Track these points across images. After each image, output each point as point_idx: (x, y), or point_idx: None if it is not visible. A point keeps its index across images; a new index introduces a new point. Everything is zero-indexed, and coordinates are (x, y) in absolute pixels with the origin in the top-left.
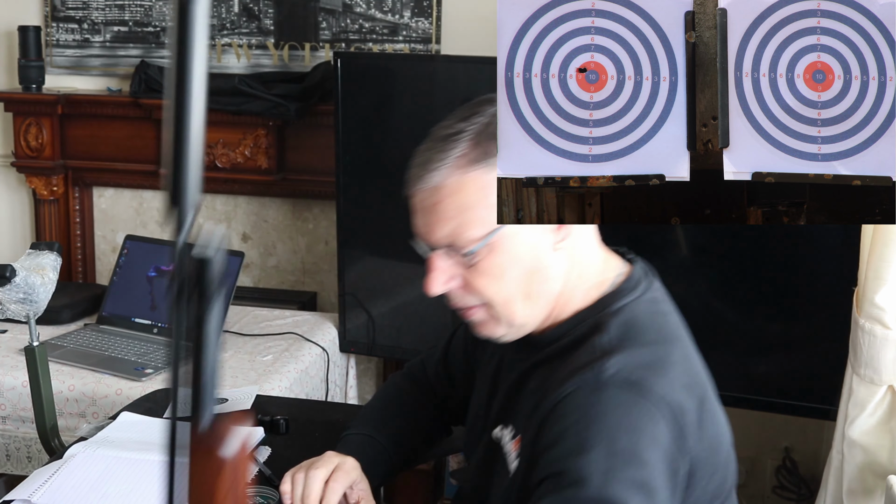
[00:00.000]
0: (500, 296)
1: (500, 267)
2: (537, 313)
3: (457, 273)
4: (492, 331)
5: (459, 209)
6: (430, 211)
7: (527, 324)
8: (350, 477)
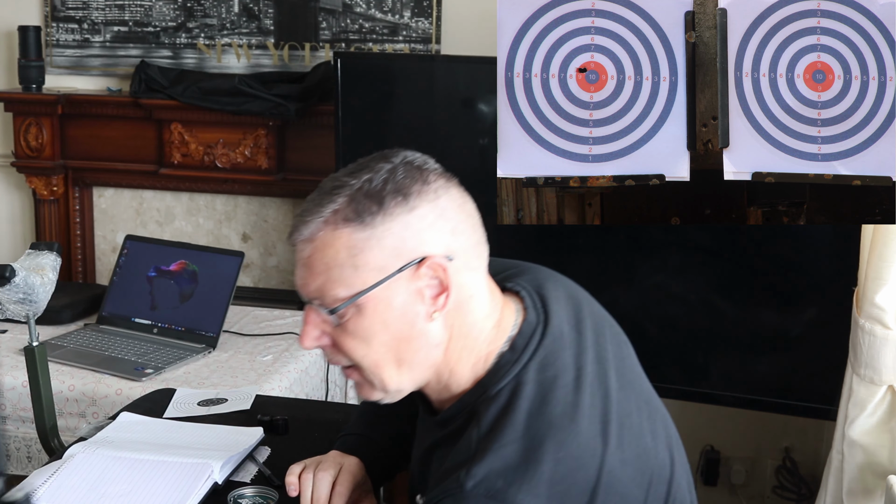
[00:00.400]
0: (368, 360)
1: (368, 330)
2: (414, 379)
3: (327, 330)
4: (367, 394)
5: (327, 266)
6: (302, 263)
7: (403, 390)
8: (355, 478)
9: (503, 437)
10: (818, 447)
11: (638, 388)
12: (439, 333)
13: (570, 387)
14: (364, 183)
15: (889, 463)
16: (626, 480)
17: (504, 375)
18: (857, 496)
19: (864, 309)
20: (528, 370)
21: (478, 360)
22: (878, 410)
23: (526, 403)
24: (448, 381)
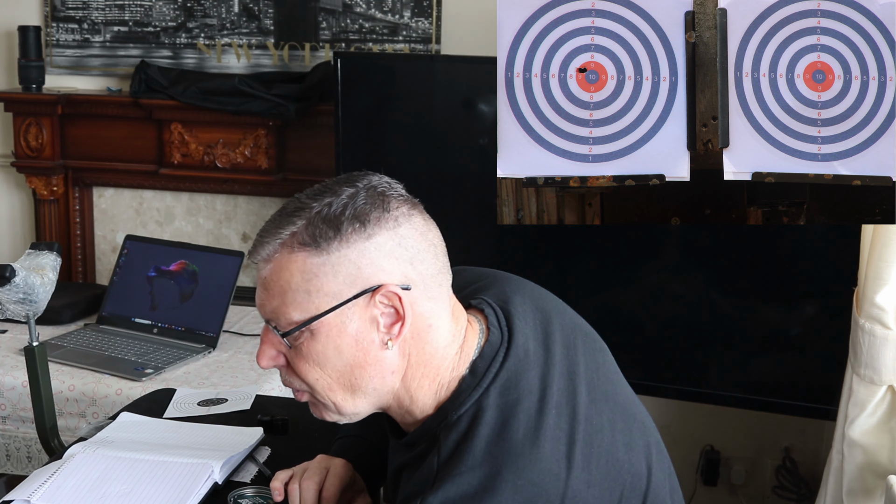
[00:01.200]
0: (321, 384)
1: (321, 355)
2: (372, 404)
3: (283, 350)
4: (322, 415)
5: (282, 288)
6: (260, 283)
7: (360, 413)
8: (342, 479)
9: (461, 464)
10: (818, 447)
11: (612, 399)
12: (395, 361)
13: (532, 409)
14: (324, 207)
15: (889, 463)
16: (592, 501)
17: (465, 401)
18: (857, 496)
19: (864, 309)
20: (489, 394)
21: (440, 387)
22: (878, 410)
23: (486, 430)
24: (410, 406)
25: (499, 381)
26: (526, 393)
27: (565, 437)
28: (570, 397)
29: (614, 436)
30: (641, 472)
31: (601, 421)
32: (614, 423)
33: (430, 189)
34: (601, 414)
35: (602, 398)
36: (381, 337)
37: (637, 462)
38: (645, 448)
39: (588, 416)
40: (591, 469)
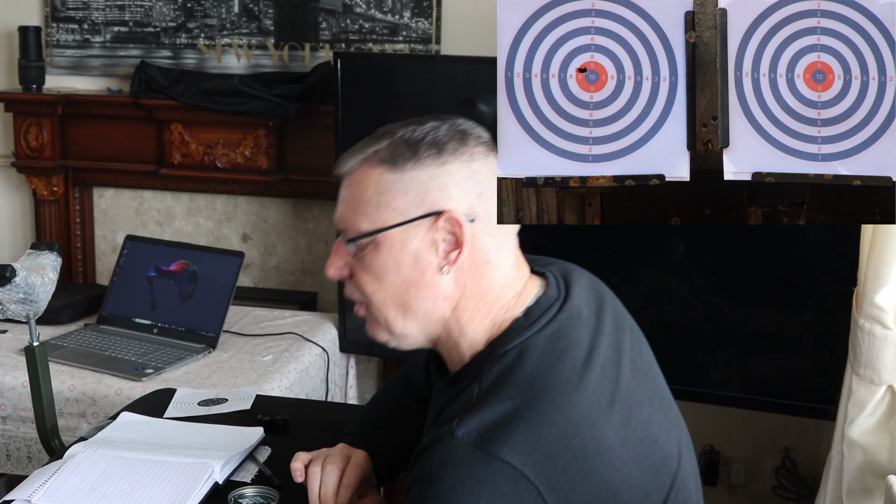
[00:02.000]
0: (377, 297)
1: (381, 268)
2: (421, 329)
3: (349, 262)
4: (374, 332)
5: (356, 199)
6: (340, 196)
7: (408, 336)
8: (362, 470)
9: (501, 392)
10: (818, 447)
11: (653, 382)
12: (449, 288)
13: (578, 361)
14: (408, 132)
15: (889, 463)
16: (626, 459)
17: (514, 338)
18: (857, 496)
19: (863, 309)
20: (539, 337)
21: (493, 325)
22: (878, 410)
23: (530, 366)
24: (458, 339)
25: (550, 328)
26: (574, 346)
27: (607, 394)
28: (614, 365)
29: (651, 413)
30: (673, 456)
31: (641, 396)
32: (652, 402)
33: None
34: (641, 391)
35: (643, 378)
36: (439, 262)
37: (670, 445)
38: (677, 437)
39: (630, 387)
40: (629, 431)
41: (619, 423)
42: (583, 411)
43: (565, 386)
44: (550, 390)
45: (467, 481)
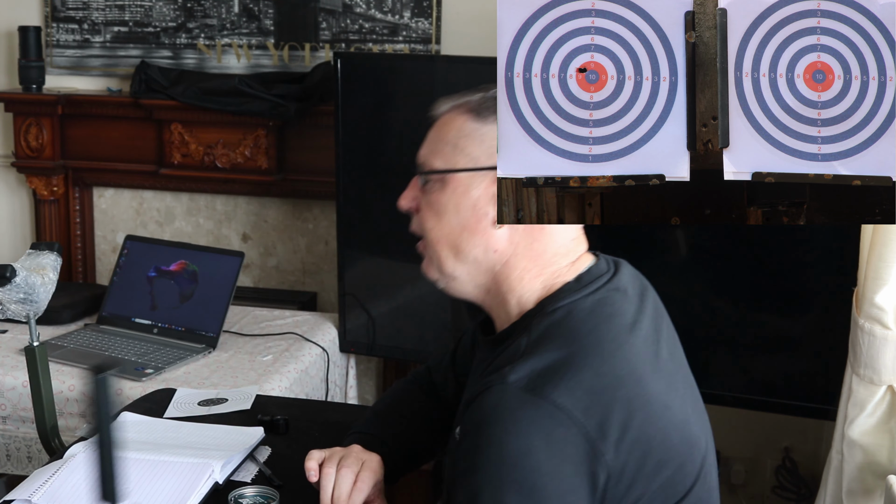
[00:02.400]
0: (433, 234)
1: (443, 206)
2: (468, 275)
3: (418, 197)
4: (427, 269)
5: (438, 139)
6: (427, 135)
7: (456, 279)
8: (376, 475)
9: (551, 343)
10: (818, 447)
11: (685, 373)
12: (501, 243)
13: (624, 327)
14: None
15: (888, 463)
16: (667, 423)
17: (564, 298)
18: (857, 496)
19: (863, 309)
20: (587, 301)
21: (543, 288)
22: (878, 410)
23: (578, 323)
24: (507, 296)
25: (598, 295)
26: (620, 314)
27: (650, 360)
28: (654, 342)
29: (685, 397)
30: (702, 443)
31: (677, 377)
32: (685, 388)
33: None
34: (677, 373)
35: (679, 364)
36: (495, 215)
37: (700, 432)
38: (705, 429)
39: (667, 365)
40: (669, 398)
41: (661, 389)
42: (629, 367)
43: (612, 343)
44: (598, 344)
45: (520, 424)
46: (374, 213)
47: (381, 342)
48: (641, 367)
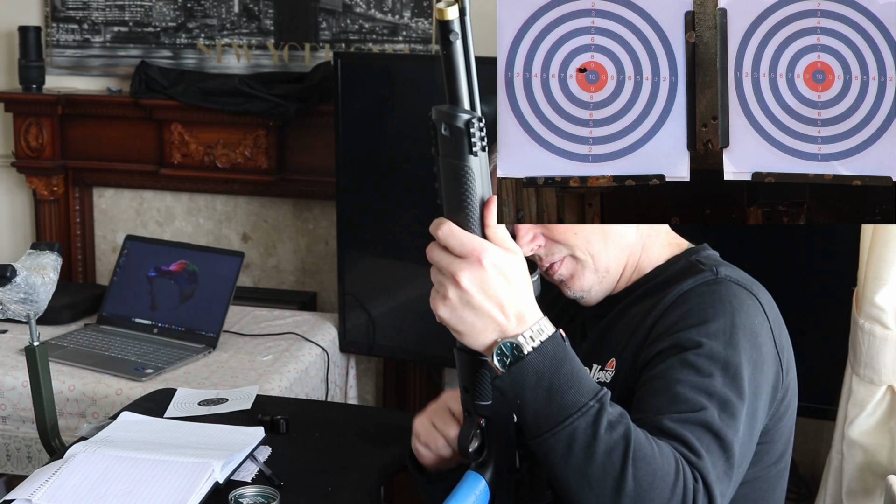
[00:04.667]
0: (579, 238)
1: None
2: (616, 257)
3: (537, 233)
4: (581, 282)
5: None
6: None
7: (609, 268)
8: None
9: (729, 265)
10: (818, 447)
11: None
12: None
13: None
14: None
15: (888, 463)
16: (794, 378)
17: (704, 249)
18: (857, 496)
19: (863, 309)
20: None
21: (667, 245)
22: (878, 410)
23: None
24: (640, 258)
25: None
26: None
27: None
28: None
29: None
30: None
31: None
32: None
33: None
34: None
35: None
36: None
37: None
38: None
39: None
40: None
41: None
42: (780, 316)
43: (766, 290)
44: (760, 285)
45: (742, 306)
46: (374, 213)
47: (381, 342)
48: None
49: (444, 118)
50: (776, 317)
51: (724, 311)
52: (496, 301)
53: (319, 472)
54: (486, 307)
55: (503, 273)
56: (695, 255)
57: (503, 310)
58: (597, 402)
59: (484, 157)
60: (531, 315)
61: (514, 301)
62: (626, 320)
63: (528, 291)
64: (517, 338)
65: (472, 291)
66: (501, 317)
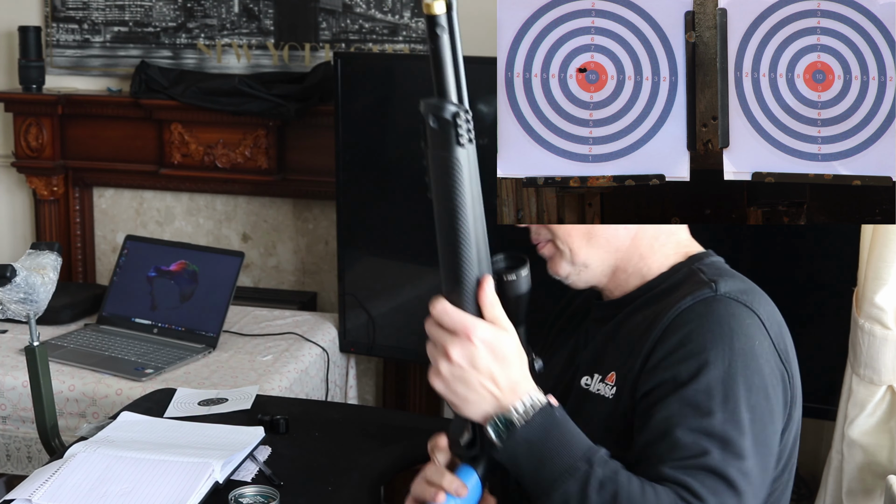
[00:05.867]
0: (561, 230)
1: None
2: (599, 259)
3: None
4: (556, 267)
5: None
6: None
7: (588, 267)
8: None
9: (729, 275)
10: (818, 447)
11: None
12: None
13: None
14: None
15: (888, 463)
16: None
17: (709, 257)
18: (857, 496)
19: (863, 309)
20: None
21: (676, 253)
22: (878, 410)
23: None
24: (638, 265)
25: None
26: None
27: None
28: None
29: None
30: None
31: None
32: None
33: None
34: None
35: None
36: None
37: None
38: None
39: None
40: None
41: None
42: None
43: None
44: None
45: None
46: (374, 213)
47: (381, 342)
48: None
49: (431, 110)
50: (778, 329)
51: (723, 337)
52: (488, 375)
53: (319, 472)
54: (477, 381)
55: (493, 350)
56: (697, 263)
57: (496, 383)
58: (586, 463)
59: (472, 150)
60: (523, 388)
61: (505, 375)
62: (627, 331)
63: (519, 366)
64: (510, 412)
65: (462, 366)
66: (495, 389)
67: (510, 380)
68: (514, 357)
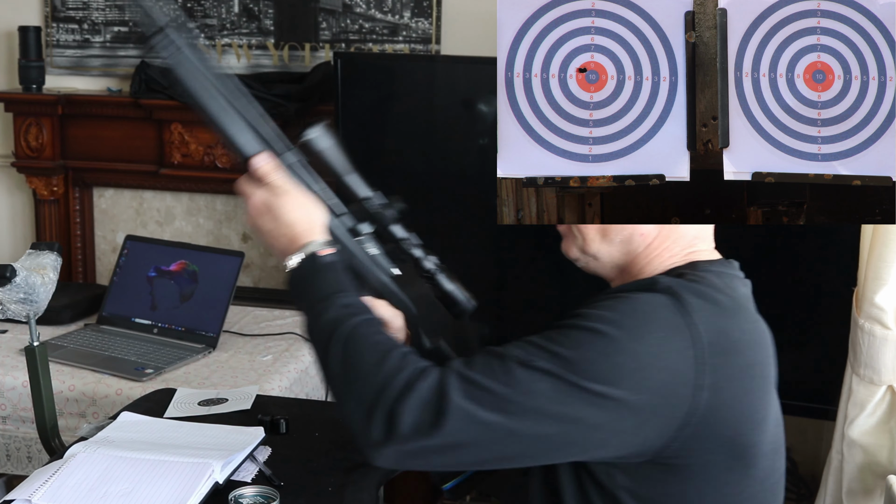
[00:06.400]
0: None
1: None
2: (609, 256)
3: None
4: (568, 249)
5: None
6: None
7: (598, 259)
8: None
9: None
10: (818, 447)
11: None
12: (650, 228)
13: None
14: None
15: (888, 463)
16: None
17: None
18: (857, 496)
19: (863, 309)
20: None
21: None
22: (878, 410)
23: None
24: (643, 268)
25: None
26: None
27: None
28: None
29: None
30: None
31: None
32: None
33: (430, 189)
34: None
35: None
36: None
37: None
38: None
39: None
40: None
41: (773, 377)
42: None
43: (739, 307)
44: (729, 301)
45: (650, 312)
46: None
47: None
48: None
49: (146, 30)
50: (718, 341)
51: (620, 311)
52: (268, 230)
53: (319, 472)
54: (266, 232)
55: (269, 210)
56: (689, 267)
57: (274, 237)
58: (324, 302)
59: (192, 50)
60: (300, 241)
61: (281, 230)
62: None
63: (299, 220)
64: (289, 258)
65: (253, 218)
66: (277, 242)
67: (288, 234)
68: (288, 215)
